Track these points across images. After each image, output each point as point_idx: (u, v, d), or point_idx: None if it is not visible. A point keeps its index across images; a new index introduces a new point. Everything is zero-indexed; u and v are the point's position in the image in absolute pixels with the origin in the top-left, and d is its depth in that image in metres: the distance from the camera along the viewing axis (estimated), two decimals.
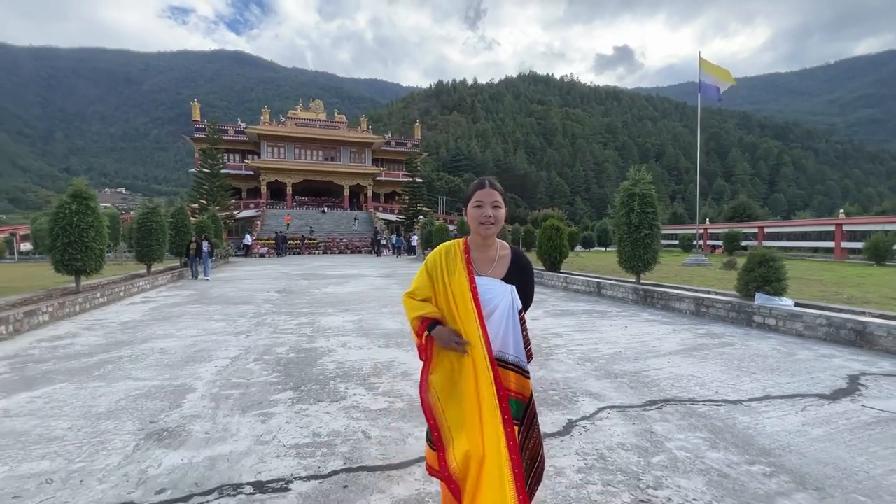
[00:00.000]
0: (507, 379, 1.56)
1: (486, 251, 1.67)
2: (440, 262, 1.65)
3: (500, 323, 1.57)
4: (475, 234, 1.65)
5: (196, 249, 14.07)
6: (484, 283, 1.60)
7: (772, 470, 2.46)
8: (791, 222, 25.07)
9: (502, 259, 1.67)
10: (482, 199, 1.60)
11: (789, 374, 4.17)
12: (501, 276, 1.63)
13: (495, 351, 1.56)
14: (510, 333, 1.58)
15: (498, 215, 1.60)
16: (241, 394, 3.72)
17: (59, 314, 7.11)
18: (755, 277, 6.52)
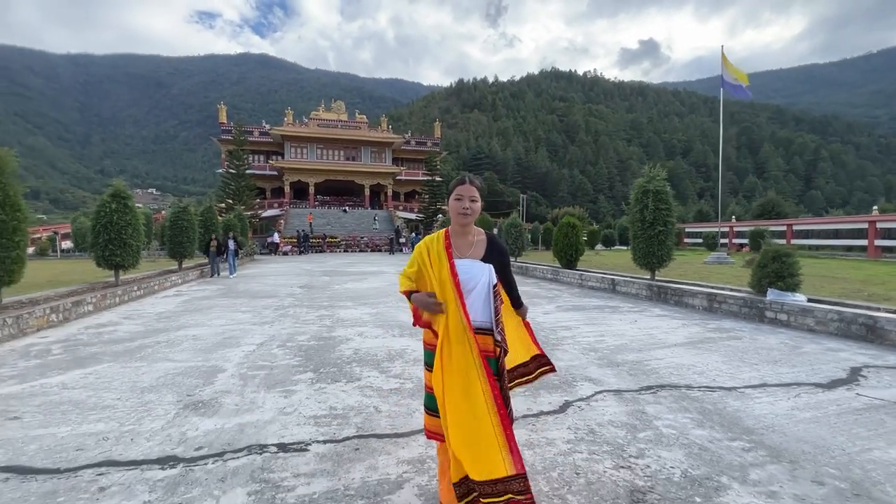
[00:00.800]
0: (486, 343, 1.81)
1: (465, 237, 1.91)
2: (424, 254, 1.88)
3: (479, 297, 1.82)
4: (455, 222, 1.91)
5: (217, 247, 14.02)
6: (464, 265, 1.84)
7: (751, 446, 2.62)
8: (822, 219, 24.24)
9: (479, 243, 1.92)
10: (462, 193, 1.86)
11: (790, 366, 4.25)
12: (479, 257, 1.87)
13: (478, 321, 1.81)
14: (489, 305, 1.84)
15: (475, 207, 1.86)
16: (266, 374, 4.08)
17: (102, 305, 7.70)
18: (768, 273, 6.53)
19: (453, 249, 1.87)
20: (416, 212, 43.65)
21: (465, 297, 1.79)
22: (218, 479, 2.29)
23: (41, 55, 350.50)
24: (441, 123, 60.44)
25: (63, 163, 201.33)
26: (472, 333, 1.75)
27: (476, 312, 1.81)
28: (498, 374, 1.81)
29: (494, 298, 1.85)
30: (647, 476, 2.31)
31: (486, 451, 1.64)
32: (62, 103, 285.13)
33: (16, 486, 2.22)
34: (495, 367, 1.81)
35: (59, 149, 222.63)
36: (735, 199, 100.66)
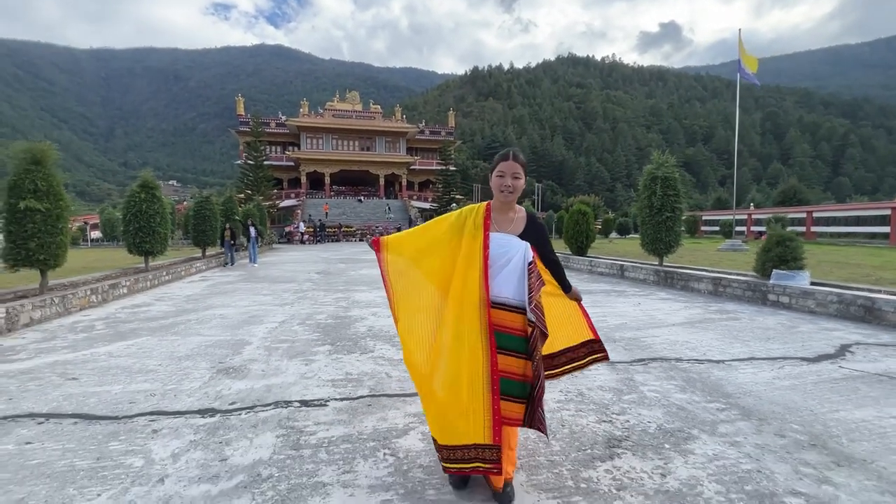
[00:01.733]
0: (514, 320, 1.83)
1: (506, 213, 1.93)
2: (464, 214, 1.93)
3: (512, 273, 1.83)
4: (496, 199, 1.91)
5: (231, 236, 13.64)
6: (499, 238, 1.85)
7: (725, 407, 2.88)
8: (843, 206, 23.67)
9: (520, 220, 1.94)
10: (504, 170, 1.84)
11: (782, 342, 4.45)
12: (518, 234, 1.89)
13: (503, 297, 1.82)
14: (523, 282, 1.83)
15: (517, 185, 1.85)
16: (288, 346, 4.47)
17: (135, 288, 8.25)
18: (772, 257, 6.65)
19: (493, 224, 1.89)
20: (431, 201, 43.94)
21: (496, 272, 1.83)
22: (250, 425, 2.67)
23: (64, 51, 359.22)
24: (455, 112, 60.27)
25: (88, 156, 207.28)
26: (487, 308, 1.78)
27: (505, 288, 1.83)
28: (528, 353, 1.83)
29: (530, 276, 1.83)
30: (626, 428, 2.60)
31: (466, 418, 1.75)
32: (85, 97, 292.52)
33: (84, 428, 2.64)
34: (524, 346, 1.83)
35: (84, 142, 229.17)
36: (757, 186, 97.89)
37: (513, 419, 1.83)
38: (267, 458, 2.28)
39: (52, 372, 3.69)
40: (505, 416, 1.80)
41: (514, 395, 1.84)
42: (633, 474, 2.12)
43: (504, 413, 1.79)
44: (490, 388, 1.77)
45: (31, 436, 2.54)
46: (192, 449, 2.38)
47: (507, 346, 1.83)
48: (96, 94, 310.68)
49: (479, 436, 1.76)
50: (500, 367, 1.79)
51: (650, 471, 2.15)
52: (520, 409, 1.85)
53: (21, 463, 2.25)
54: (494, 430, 1.75)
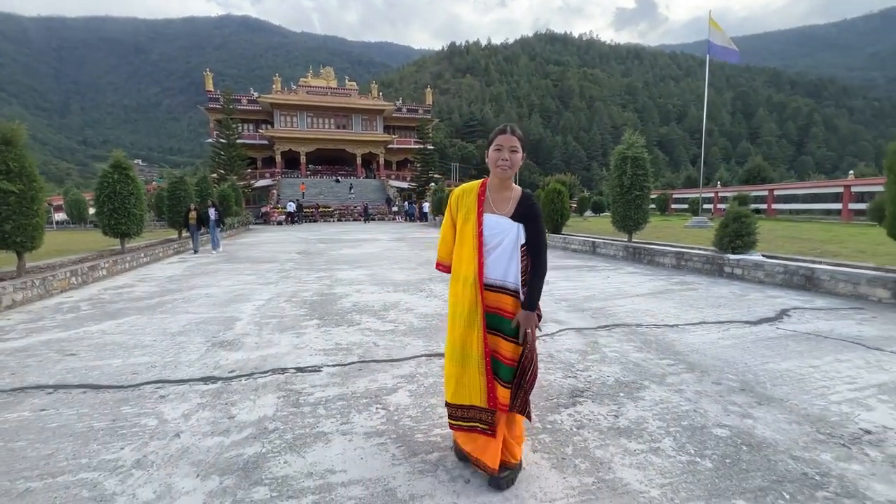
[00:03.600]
0: (502, 301, 1.83)
1: (503, 192, 1.87)
2: (453, 205, 1.96)
3: (503, 254, 1.81)
4: (493, 175, 1.86)
5: (197, 219, 12.21)
6: (493, 220, 1.83)
7: (674, 363, 3.30)
8: (802, 184, 24.91)
9: (514, 199, 1.86)
10: (501, 143, 1.80)
11: (730, 308, 4.94)
12: (510, 215, 1.83)
13: (493, 279, 1.83)
14: (512, 264, 1.82)
15: (514, 159, 1.80)
16: (277, 321, 4.69)
17: (114, 270, 8.21)
18: (728, 233, 7.17)
19: (488, 203, 1.87)
20: (409, 181, 43.73)
21: (487, 254, 1.83)
22: (251, 389, 2.92)
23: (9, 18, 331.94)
24: (433, 89, 59.42)
25: (42, 133, 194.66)
26: (480, 290, 1.81)
27: (496, 270, 1.83)
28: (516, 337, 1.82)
29: (523, 258, 1.83)
30: (588, 382, 2.98)
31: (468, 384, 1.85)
32: (36, 70, 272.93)
33: (94, 396, 2.84)
34: (515, 330, 1.82)
35: (37, 118, 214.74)
36: (727, 164, 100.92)
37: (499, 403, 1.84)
38: (271, 415, 2.55)
39: (48, 349, 3.82)
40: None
41: (500, 378, 1.84)
42: (591, 416, 2.49)
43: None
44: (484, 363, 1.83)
45: (44, 404, 2.73)
46: (200, 410, 2.62)
47: (497, 328, 1.84)
48: (48, 66, 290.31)
49: (477, 398, 1.84)
50: (490, 347, 1.84)
51: (605, 413, 2.52)
52: (505, 394, 1.83)
53: (41, 426, 2.45)
54: (489, 395, 1.83)
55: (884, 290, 5.02)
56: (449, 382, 1.93)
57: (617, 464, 2.03)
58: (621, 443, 2.20)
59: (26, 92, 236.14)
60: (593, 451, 2.13)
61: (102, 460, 2.11)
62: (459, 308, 1.87)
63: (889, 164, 5.16)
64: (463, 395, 1.89)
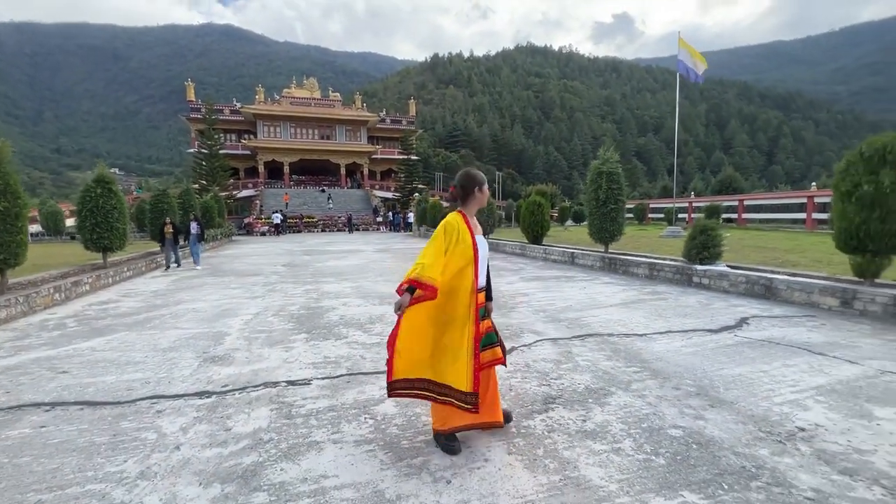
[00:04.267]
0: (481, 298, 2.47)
1: (473, 218, 2.53)
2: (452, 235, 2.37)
3: (483, 264, 2.47)
4: (475, 208, 2.52)
5: (173, 233, 11.53)
6: (480, 240, 2.45)
7: (640, 370, 3.58)
8: (769, 195, 26.04)
9: (479, 223, 2.60)
10: (486, 189, 2.53)
11: (695, 318, 5.29)
12: (482, 234, 2.53)
13: (482, 283, 2.47)
14: (485, 269, 2.52)
15: None
16: (266, 336, 4.83)
17: (98, 285, 8.19)
18: (696, 244, 7.59)
19: (474, 228, 2.47)
20: (393, 190, 43.92)
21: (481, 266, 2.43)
22: (245, 403, 3.09)
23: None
24: (416, 100, 60.04)
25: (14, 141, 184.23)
26: (476, 294, 2.38)
27: (482, 277, 2.47)
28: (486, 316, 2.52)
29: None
30: (560, 389, 3.23)
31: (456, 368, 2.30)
32: (8, 76, 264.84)
33: (92, 412, 2.96)
34: (485, 313, 2.51)
35: (8, 125, 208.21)
36: (701, 174, 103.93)
37: (498, 359, 2.53)
38: (265, 427, 2.72)
39: (39, 367, 3.90)
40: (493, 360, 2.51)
41: (491, 343, 2.53)
42: (561, 421, 2.74)
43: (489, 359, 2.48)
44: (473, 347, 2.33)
45: (43, 421, 2.85)
46: (197, 423, 2.78)
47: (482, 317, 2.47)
48: (21, 72, 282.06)
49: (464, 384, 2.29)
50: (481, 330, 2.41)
51: (574, 418, 2.77)
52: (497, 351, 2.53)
53: (43, 442, 2.58)
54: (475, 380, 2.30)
55: (833, 299, 5.45)
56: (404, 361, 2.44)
57: (582, 463, 2.28)
58: (587, 444, 2.45)
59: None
60: (562, 452, 2.38)
61: (108, 472, 2.26)
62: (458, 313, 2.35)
63: (835, 182, 5.62)
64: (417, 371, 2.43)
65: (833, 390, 3.11)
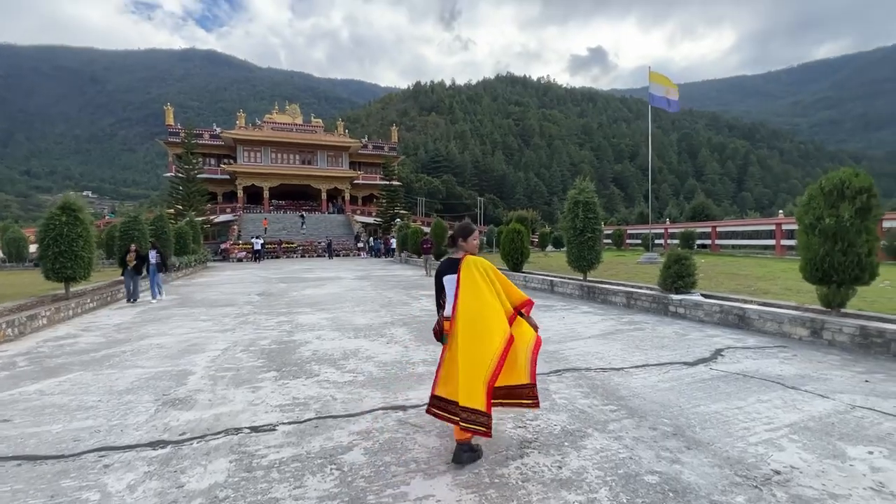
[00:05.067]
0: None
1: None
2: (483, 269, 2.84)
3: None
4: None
5: (137, 263, 10.55)
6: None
7: (617, 408, 3.53)
8: (740, 222, 26.99)
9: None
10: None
11: (672, 350, 5.30)
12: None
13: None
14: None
15: None
16: (233, 374, 4.61)
17: (56, 318, 7.76)
18: (671, 273, 7.72)
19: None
20: (375, 216, 43.88)
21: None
22: (203, 453, 2.88)
23: None
24: (399, 126, 60.97)
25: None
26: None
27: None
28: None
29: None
30: (536, 431, 3.14)
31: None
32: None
33: (30, 469, 2.71)
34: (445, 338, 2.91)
35: None
36: (676, 200, 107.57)
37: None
38: (222, 482, 2.53)
39: None
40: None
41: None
42: (536, 468, 2.63)
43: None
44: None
45: None
46: (147, 480, 2.57)
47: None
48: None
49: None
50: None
51: (550, 465, 2.68)
52: None
53: None
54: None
55: (803, 329, 5.56)
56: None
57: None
58: (562, 495, 2.35)
59: None
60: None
61: None
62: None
63: (798, 215, 5.83)
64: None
65: (806, 427, 3.10)
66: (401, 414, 3.49)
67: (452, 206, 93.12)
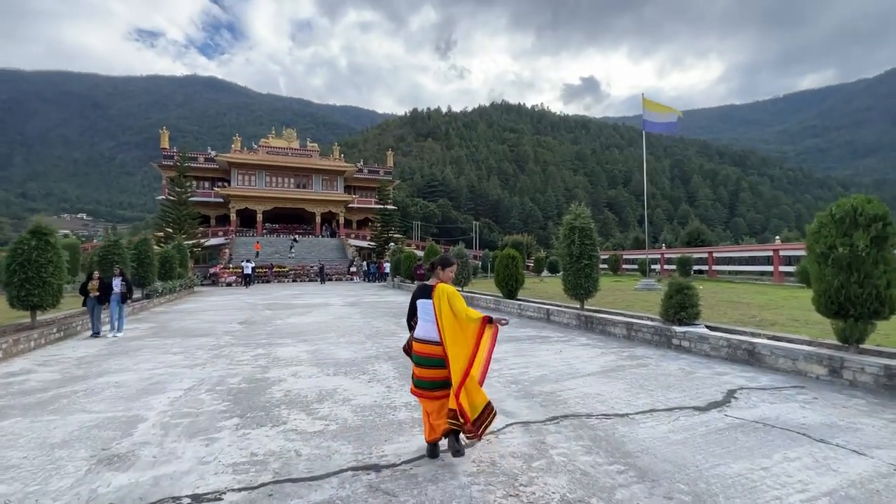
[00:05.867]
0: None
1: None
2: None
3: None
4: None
5: (100, 291, 9.19)
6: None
7: (625, 468, 3.04)
8: (737, 248, 26.83)
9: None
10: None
11: (680, 390, 4.83)
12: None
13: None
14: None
15: None
16: (190, 422, 4.08)
17: (14, 350, 7.18)
18: (673, 304, 7.31)
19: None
20: (369, 240, 43.54)
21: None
22: None
23: None
24: (395, 151, 61.48)
25: None
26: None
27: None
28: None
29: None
30: (531, 502, 2.64)
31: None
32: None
33: None
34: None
35: None
36: (670, 225, 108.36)
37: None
38: None
39: None
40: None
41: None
42: None
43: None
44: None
45: None
46: None
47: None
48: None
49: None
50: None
51: None
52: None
53: None
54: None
55: (820, 367, 5.12)
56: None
57: None
58: None
59: None
60: None
61: None
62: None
63: (809, 244, 5.48)
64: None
65: (848, 497, 2.63)
66: (373, 476, 2.98)
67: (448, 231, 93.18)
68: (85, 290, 9.27)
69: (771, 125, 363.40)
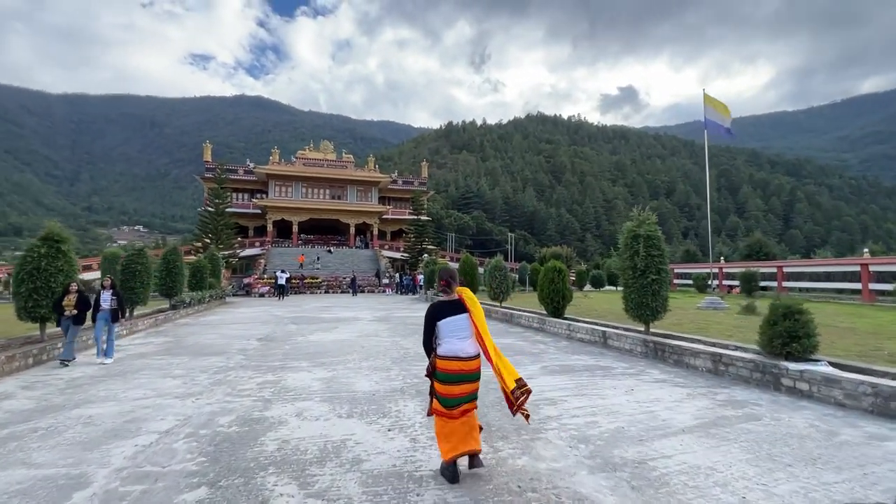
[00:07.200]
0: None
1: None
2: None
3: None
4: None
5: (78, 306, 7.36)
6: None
7: None
8: (812, 261, 23.92)
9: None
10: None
11: (835, 468, 3.31)
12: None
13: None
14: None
15: None
16: (142, 492, 2.99)
17: (6, 369, 6.49)
18: (779, 333, 5.67)
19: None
20: (403, 251, 42.87)
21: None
22: None
23: (37, 94, 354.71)
24: (429, 163, 61.18)
25: (49, 199, 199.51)
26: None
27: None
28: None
29: None
30: None
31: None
32: (54, 141, 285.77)
33: None
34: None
35: (47, 185, 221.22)
36: (719, 237, 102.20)
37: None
38: None
39: None
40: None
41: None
42: None
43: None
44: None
45: None
46: None
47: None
48: (66, 137, 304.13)
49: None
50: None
51: None
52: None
53: None
54: None
55: None
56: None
57: None
58: None
59: (40, 161, 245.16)
60: None
61: None
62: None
63: None
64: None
65: None
66: None
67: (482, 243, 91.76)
68: (59, 308, 7.37)
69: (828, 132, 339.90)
